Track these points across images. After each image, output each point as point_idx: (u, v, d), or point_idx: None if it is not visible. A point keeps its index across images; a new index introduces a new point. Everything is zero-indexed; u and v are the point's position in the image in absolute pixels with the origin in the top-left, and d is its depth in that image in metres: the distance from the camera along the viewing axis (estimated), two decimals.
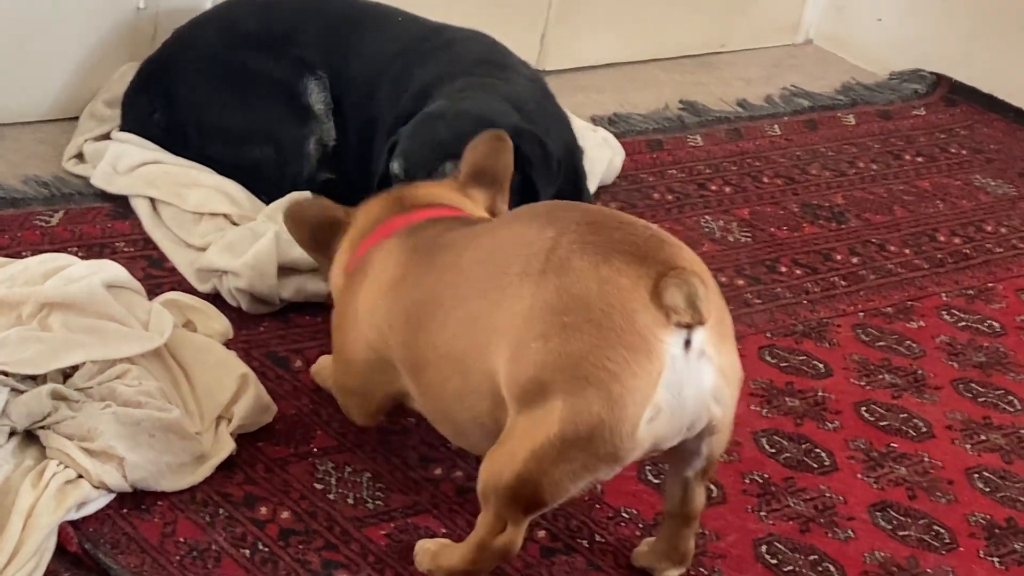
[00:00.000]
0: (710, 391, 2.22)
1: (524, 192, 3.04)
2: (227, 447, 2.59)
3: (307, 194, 3.22)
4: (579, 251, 2.21)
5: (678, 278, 2.16)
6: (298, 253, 2.97)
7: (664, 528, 2.51)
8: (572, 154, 3.40)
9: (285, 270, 3.06)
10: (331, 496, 2.58)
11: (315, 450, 2.68)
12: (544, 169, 3.12)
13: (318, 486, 2.60)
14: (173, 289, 3.00)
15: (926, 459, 2.98)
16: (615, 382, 2.14)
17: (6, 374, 2.55)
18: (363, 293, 2.54)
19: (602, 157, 3.84)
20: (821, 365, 3.25)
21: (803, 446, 2.96)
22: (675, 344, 2.16)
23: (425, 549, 2.45)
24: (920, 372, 3.29)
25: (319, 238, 2.72)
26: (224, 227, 3.21)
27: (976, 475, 2.96)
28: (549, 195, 3.13)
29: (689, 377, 2.18)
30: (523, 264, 2.24)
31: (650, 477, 2.77)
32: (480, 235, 2.41)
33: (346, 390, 2.67)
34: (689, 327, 2.16)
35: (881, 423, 3.08)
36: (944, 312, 3.57)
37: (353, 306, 2.56)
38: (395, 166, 3.07)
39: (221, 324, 2.89)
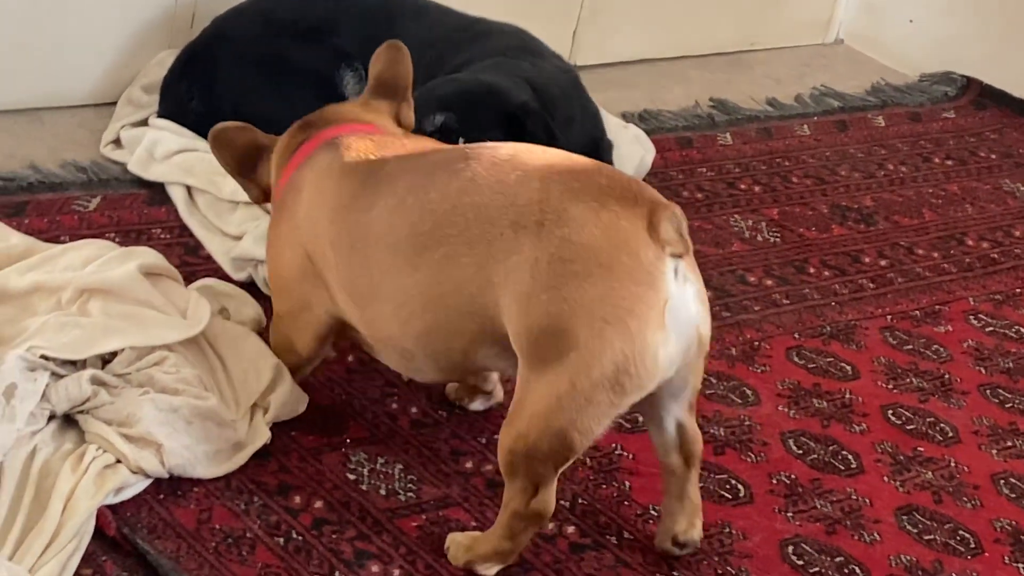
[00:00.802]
0: (698, 314, 2.37)
1: None
2: (263, 436, 2.62)
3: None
4: (572, 199, 2.31)
5: (668, 212, 2.31)
6: None
7: (671, 485, 2.56)
8: (598, 146, 3.43)
9: None
10: (364, 487, 2.61)
11: (348, 441, 2.71)
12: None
13: (351, 476, 2.63)
14: (208, 276, 3.03)
15: (952, 464, 3.00)
16: (632, 317, 2.26)
17: (46, 358, 2.58)
18: (302, 211, 2.63)
19: (633, 154, 3.86)
20: (848, 367, 3.27)
21: (830, 448, 2.98)
22: (671, 274, 2.31)
23: (457, 543, 2.48)
24: (947, 376, 3.31)
25: (244, 163, 2.83)
26: (259, 216, 3.23)
27: (1002, 481, 2.98)
28: None
29: (683, 302, 2.33)
30: (514, 216, 2.33)
31: None
32: (438, 174, 2.46)
33: (284, 317, 2.73)
34: (679, 256, 2.32)
35: (908, 427, 3.10)
36: (971, 317, 3.58)
37: (290, 224, 2.65)
38: None
39: (254, 311, 2.92)
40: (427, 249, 2.41)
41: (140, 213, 3.29)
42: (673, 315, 2.30)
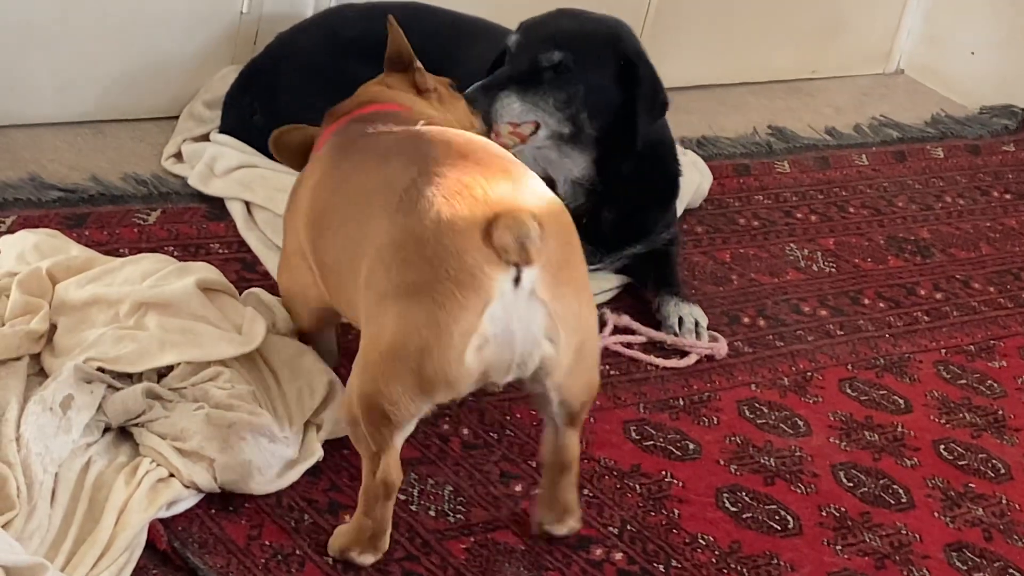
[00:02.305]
0: (541, 329, 2.33)
1: (620, 112, 3.23)
2: (315, 454, 2.63)
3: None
4: (427, 192, 2.34)
5: (511, 219, 2.28)
6: None
7: (544, 479, 2.59)
8: (673, 147, 3.51)
9: None
10: (413, 507, 2.62)
11: None
12: (647, 99, 3.25)
13: (400, 496, 2.63)
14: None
15: (1004, 501, 2.99)
16: (441, 310, 2.27)
17: (103, 370, 2.60)
18: (299, 194, 2.73)
19: (690, 180, 3.86)
20: (901, 400, 3.26)
21: (881, 481, 2.97)
22: (504, 281, 2.28)
23: (333, 535, 2.50)
24: (1000, 412, 3.30)
25: (303, 160, 2.86)
26: None
27: None
28: (646, 127, 3.26)
29: (517, 312, 2.30)
30: (385, 198, 2.40)
31: (728, 505, 2.79)
32: (371, 158, 2.56)
33: (287, 290, 2.83)
34: (518, 265, 2.28)
35: (960, 462, 3.08)
36: None
37: (294, 206, 2.75)
38: (511, 39, 3.29)
39: None
40: (340, 225, 2.53)
41: (199, 227, 3.31)
42: (495, 321, 2.28)
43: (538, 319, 2.32)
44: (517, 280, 2.29)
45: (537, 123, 3.22)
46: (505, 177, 2.40)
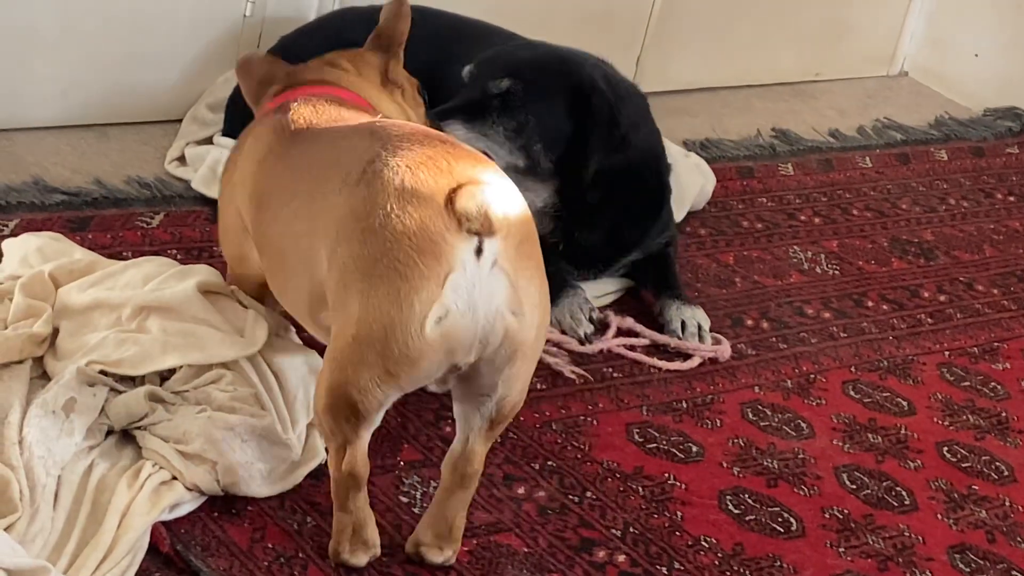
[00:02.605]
0: (504, 301, 2.30)
1: (574, 144, 3.20)
2: (318, 456, 2.63)
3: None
4: (390, 166, 2.33)
5: (473, 188, 2.28)
6: None
7: (437, 493, 2.50)
8: (658, 161, 3.44)
9: None
10: (416, 509, 2.62)
11: (401, 463, 2.72)
12: (602, 130, 3.22)
13: (403, 499, 2.64)
14: None
15: (1007, 503, 2.99)
16: (402, 280, 2.25)
17: (105, 374, 2.61)
18: (239, 164, 2.71)
19: (694, 182, 3.87)
20: (904, 403, 3.26)
21: (884, 483, 2.97)
22: (465, 250, 2.26)
23: (329, 551, 2.48)
24: (1004, 414, 3.29)
25: (261, 93, 2.86)
26: None
27: None
28: (597, 159, 3.22)
29: (480, 282, 2.27)
30: (343, 174, 2.38)
31: (731, 507, 2.79)
32: (320, 138, 2.56)
33: (231, 260, 2.83)
34: (479, 235, 2.26)
35: (963, 464, 3.08)
36: None
37: (230, 175, 2.75)
38: (465, 70, 3.26)
39: None
40: (283, 204, 2.52)
41: (202, 230, 3.31)
42: (456, 290, 2.26)
43: (501, 290, 2.29)
44: (479, 251, 2.27)
45: (486, 153, 3.21)
46: (468, 156, 2.40)
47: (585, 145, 3.20)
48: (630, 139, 3.29)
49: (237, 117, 3.59)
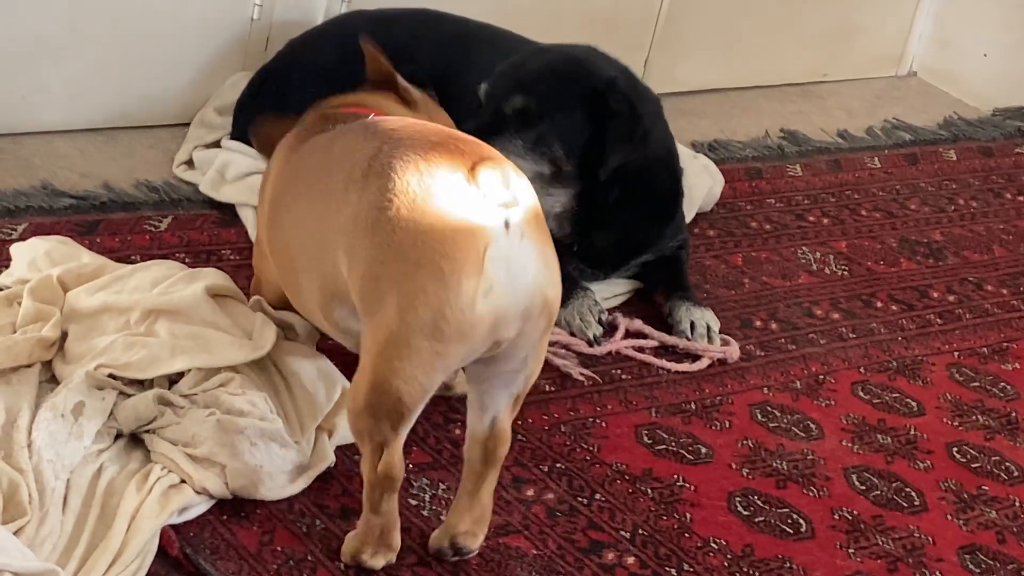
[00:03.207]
0: (540, 270, 2.32)
1: (594, 144, 3.18)
2: (327, 459, 2.63)
3: None
4: (399, 155, 2.33)
5: (493, 162, 2.31)
6: None
7: (466, 480, 2.49)
8: (673, 162, 3.46)
9: None
10: (425, 512, 2.62)
11: (410, 466, 2.72)
12: (622, 128, 3.21)
13: (412, 502, 2.64)
14: None
15: (1017, 503, 2.98)
16: (443, 260, 2.24)
17: (114, 377, 2.61)
18: (263, 184, 2.78)
19: (702, 184, 3.86)
20: (914, 403, 3.25)
21: (893, 484, 2.96)
22: (496, 223, 2.27)
23: (345, 543, 2.48)
24: (1014, 415, 3.29)
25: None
26: None
27: None
28: (618, 158, 3.21)
29: (514, 254, 2.28)
30: (347, 173, 2.38)
31: (740, 509, 2.79)
32: (322, 142, 2.57)
33: (256, 267, 2.87)
34: (506, 206, 2.28)
35: (973, 465, 3.08)
36: None
37: (259, 196, 2.80)
38: (481, 88, 3.25)
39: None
40: (288, 210, 2.56)
41: (211, 234, 3.32)
42: (496, 263, 2.26)
43: (532, 260, 2.30)
44: (507, 224, 2.27)
45: None
46: (470, 139, 2.41)
47: (602, 137, 3.21)
48: (650, 133, 3.30)
49: (245, 121, 3.60)
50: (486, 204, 2.27)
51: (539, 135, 3.20)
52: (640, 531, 2.69)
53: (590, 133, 3.21)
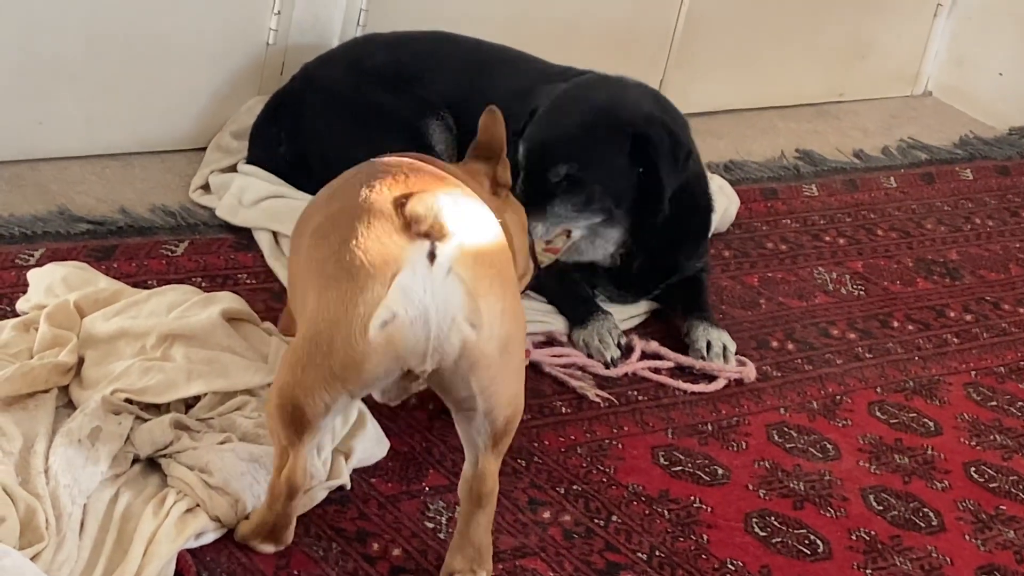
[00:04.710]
0: (460, 309, 2.27)
1: (648, 181, 3.20)
2: (341, 476, 2.63)
3: None
4: (358, 181, 2.38)
5: (424, 194, 2.29)
6: None
7: (459, 518, 2.49)
8: (705, 182, 3.49)
9: None
10: (442, 535, 2.62)
11: (427, 488, 2.72)
12: (669, 158, 3.22)
13: (429, 524, 2.64)
14: None
15: None
16: (348, 280, 2.26)
17: (130, 402, 2.62)
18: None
19: (717, 205, 3.85)
20: (931, 423, 3.25)
21: (911, 504, 2.96)
22: (414, 251, 2.26)
23: (237, 529, 2.51)
24: None
25: None
26: None
27: None
28: (673, 185, 3.23)
29: (431, 288, 2.26)
30: (324, 194, 2.54)
31: (757, 529, 2.79)
32: (335, 181, 2.60)
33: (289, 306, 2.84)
34: (430, 239, 2.25)
35: (991, 485, 3.07)
36: None
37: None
38: (520, 151, 3.23)
39: None
40: (294, 239, 2.63)
41: (227, 258, 3.32)
42: (408, 294, 2.24)
43: (456, 298, 2.27)
44: (432, 256, 2.25)
45: (567, 230, 3.23)
46: (431, 174, 2.43)
47: (655, 177, 3.21)
48: (691, 152, 3.31)
49: (260, 144, 3.62)
50: (406, 231, 2.27)
51: (588, 195, 3.21)
52: (657, 553, 2.69)
53: (637, 174, 3.22)
